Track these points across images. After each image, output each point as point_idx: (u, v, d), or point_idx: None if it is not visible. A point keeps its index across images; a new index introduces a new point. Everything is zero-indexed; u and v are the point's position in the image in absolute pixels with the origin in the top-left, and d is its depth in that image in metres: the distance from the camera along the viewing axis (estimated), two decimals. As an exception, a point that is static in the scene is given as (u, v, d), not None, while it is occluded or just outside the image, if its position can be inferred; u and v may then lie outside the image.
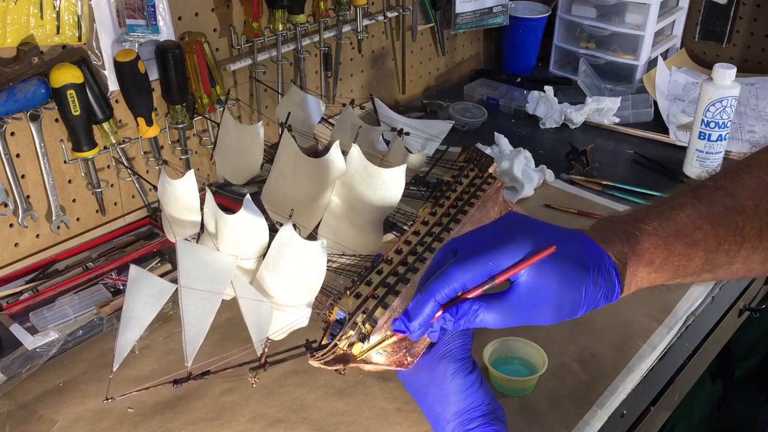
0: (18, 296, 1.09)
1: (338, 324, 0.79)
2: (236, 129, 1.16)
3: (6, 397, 0.94)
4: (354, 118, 1.17)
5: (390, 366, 0.79)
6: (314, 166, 1.00)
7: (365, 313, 0.78)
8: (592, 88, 1.76)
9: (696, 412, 1.63)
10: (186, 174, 0.93)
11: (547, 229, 0.70)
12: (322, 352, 0.78)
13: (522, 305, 0.67)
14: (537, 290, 0.66)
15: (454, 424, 0.77)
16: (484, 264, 0.66)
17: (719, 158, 1.41)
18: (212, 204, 0.89)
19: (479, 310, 0.67)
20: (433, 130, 1.28)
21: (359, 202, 0.99)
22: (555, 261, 0.66)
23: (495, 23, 1.85)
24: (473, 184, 1.02)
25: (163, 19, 1.16)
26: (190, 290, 0.77)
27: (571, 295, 0.66)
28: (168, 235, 1.00)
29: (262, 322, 0.82)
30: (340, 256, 0.94)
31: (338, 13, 1.47)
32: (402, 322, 0.70)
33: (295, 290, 0.85)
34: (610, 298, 0.68)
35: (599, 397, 0.93)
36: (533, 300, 0.66)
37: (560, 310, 0.67)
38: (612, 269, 0.67)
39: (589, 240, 0.68)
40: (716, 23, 1.87)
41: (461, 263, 0.67)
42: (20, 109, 1.06)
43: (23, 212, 1.13)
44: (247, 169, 1.15)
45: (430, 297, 0.67)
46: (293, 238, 0.83)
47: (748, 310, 1.35)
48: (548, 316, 0.67)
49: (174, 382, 0.74)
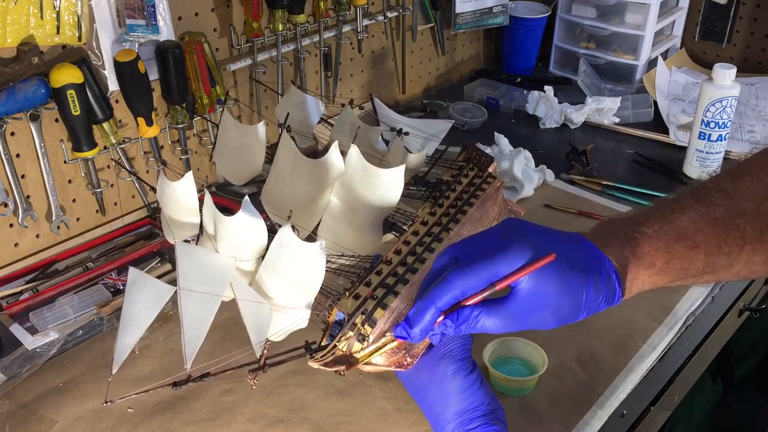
0: (18, 296, 1.09)
1: (337, 325, 0.79)
2: (236, 129, 1.15)
3: (6, 397, 0.94)
4: (353, 119, 1.17)
5: (389, 367, 0.79)
6: (313, 166, 1.00)
7: (364, 314, 0.77)
8: (592, 88, 1.76)
9: (696, 412, 1.63)
10: (185, 176, 0.93)
11: (548, 235, 0.70)
12: (321, 353, 0.78)
13: (522, 311, 0.67)
14: (537, 296, 0.66)
15: (454, 424, 0.77)
16: (485, 271, 0.67)
17: (719, 158, 1.41)
18: (211, 206, 0.89)
19: (480, 316, 0.67)
20: (432, 129, 1.28)
21: (358, 202, 0.99)
22: (555, 266, 0.66)
23: (495, 23, 1.85)
24: (473, 183, 1.02)
25: (163, 19, 1.16)
26: (189, 292, 0.77)
27: (571, 299, 0.67)
28: (167, 236, 1.00)
29: (261, 324, 0.82)
30: (339, 257, 0.94)
31: (338, 13, 1.47)
32: (403, 328, 0.70)
33: (294, 291, 0.85)
34: (611, 301, 0.68)
35: (599, 397, 0.93)
36: (533, 306, 0.67)
37: (560, 315, 0.67)
38: (612, 272, 0.67)
39: (590, 243, 0.69)
40: (716, 23, 1.87)
41: (462, 270, 0.67)
42: (20, 109, 1.06)
43: (23, 212, 1.13)
44: (247, 170, 1.15)
45: (431, 304, 0.68)
46: (292, 239, 0.83)
47: (748, 310, 1.35)
48: (549, 320, 0.68)
49: (173, 385, 0.74)
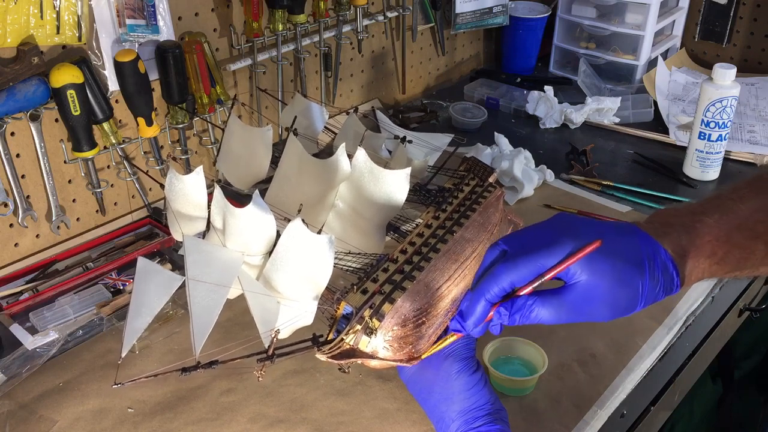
0: (18, 296, 1.09)
1: (344, 319, 0.80)
2: (242, 134, 1.14)
3: (6, 397, 0.94)
4: (357, 126, 1.17)
5: (396, 361, 0.79)
6: (320, 167, 1.00)
7: (372, 308, 0.78)
8: (592, 88, 1.77)
9: (696, 412, 1.63)
10: (195, 170, 0.93)
11: (597, 226, 0.70)
12: (328, 346, 0.78)
13: (577, 302, 0.67)
14: (591, 288, 0.67)
15: (459, 423, 0.77)
16: (532, 263, 0.68)
17: (719, 158, 1.41)
18: (221, 199, 0.89)
19: (534, 306, 0.68)
20: (435, 142, 1.29)
21: (364, 204, 0.99)
22: (608, 258, 0.66)
23: (495, 23, 1.85)
24: (474, 191, 1.03)
25: (163, 19, 1.16)
26: (197, 284, 0.77)
27: (626, 291, 0.67)
28: (173, 232, 0.99)
29: (269, 317, 0.82)
30: (345, 254, 0.94)
31: (338, 13, 1.47)
32: (457, 321, 0.72)
33: (302, 285, 0.85)
34: (669, 290, 0.69)
35: (599, 397, 0.93)
36: (588, 297, 0.67)
37: (617, 307, 0.67)
38: (669, 262, 0.68)
39: (644, 233, 0.69)
40: (716, 23, 1.87)
41: (509, 263, 0.68)
42: (20, 109, 1.06)
43: (23, 212, 1.13)
44: (252, 174, 1.14)
45: (481, 296, 0.69)
46: (301, 231, 0.83)
47: (748, 310, 1.35)
48: (605, 312, 0.68)
49: (182, 371, 0.75)
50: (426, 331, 0.80)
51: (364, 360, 0.79)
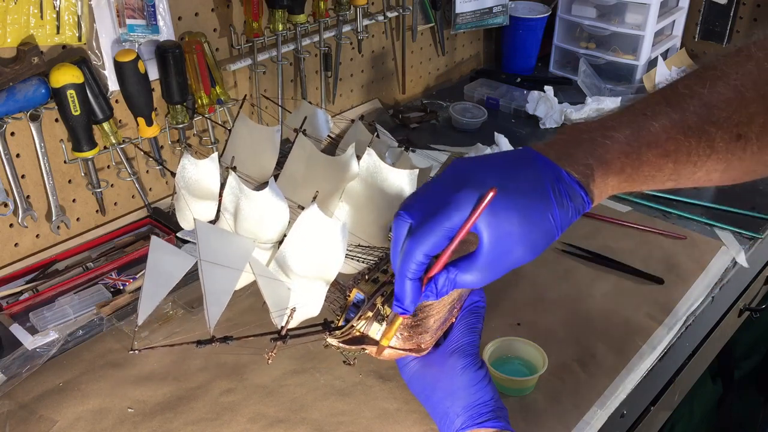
0: (18, 296, 1.09)
1: (354, 307, 0.80)
2: (251, 131, 1.14)
3: (6, 397, 0.94)
4: (362, 134, 1.17)
5: (406, 350, 0.79)
6: (330, 164, 1.00)
7: (383, 296, 0.78)
8: (592, 88, 1.77)
9: (696, 412, 1.63)
10: (210, 156, 0.93)
11: (491, 167, 0.67)
12: (339, 331, 0.78)
13: (496, 258, 0.65)
14: (504, 238, 0.65)
15: (463, 418, 0.77)
16: (439, 228, 0.65)
17: (719, 158, 1.41)
18: (236, 183, 0.89)
19: (456, 277, 0.67)
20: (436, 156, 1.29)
21: (371, 203, 0.99)
22: (511, 202, 0.64)
23: (495, 23, 1.85)
24: None
25: (163, 19, 1.16)
26: (210, 266, 0.77)
27: (539, 228, 0.65)
28: (181, 220, 0.99)
29: (280, 301, 0.82)
30: (355, 246, 0.93)
31: (338, 13, 1.47)
32: (397, 305, 0.71)
33: (313, 271, 0.85)
34: (581, 211, 0.67)
35: (599, 397, 0.93)
36: (505, 249, 0.65)
37: (535, 246, 0.66)
38: (574, 184, 0.66)
39: (544, 159, 0.67)
40: (716, 23, 1.87)
41: (417, 235, 0.66)
42: (20, 109, 1.06)
43: (23, 212, 1.13)
44: (257, 174, 1.14)
45: (403, 278, 0.68)
46: (317, 215, 0.82)
47: (748, 310, 1.35)
48: (526, 255, 0.66)
49: (197, 343, 0.74)
50: (433, 325, 0.80)
51: (373, 351, 0.79)
